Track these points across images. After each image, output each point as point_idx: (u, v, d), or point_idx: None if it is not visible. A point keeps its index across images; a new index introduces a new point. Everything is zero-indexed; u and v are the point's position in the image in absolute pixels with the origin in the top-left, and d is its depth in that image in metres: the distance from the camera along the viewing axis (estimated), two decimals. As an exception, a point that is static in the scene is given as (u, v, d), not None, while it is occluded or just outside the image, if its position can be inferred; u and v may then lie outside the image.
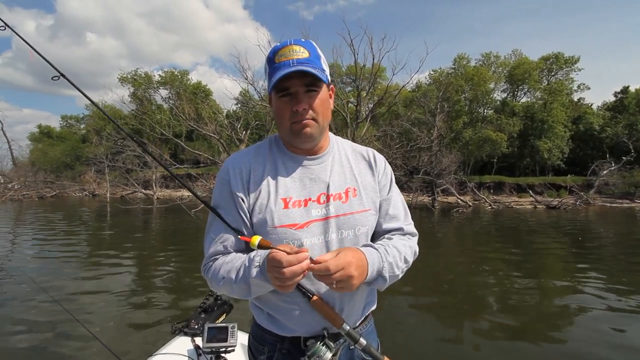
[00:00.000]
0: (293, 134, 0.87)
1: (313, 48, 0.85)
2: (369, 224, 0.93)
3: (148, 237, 10.38)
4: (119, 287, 5.31)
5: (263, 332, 0.95)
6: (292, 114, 0.84)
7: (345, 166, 0.96)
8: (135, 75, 36.50)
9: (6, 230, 11.12)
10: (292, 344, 0.91)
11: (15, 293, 4.92)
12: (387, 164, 1.04)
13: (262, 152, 0.94)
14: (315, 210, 0.88)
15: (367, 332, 0.99)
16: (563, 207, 19.15)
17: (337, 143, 1.00)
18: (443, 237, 10.97)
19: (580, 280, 5.77)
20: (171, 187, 28.34)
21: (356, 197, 0.92)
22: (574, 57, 29.71)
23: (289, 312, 0.89)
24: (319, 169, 0.92)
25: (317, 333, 0.89)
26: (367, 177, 0.97)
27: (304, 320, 0.89)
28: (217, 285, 0.87)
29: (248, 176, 0.89)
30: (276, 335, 0.92)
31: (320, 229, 0.88)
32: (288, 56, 0.82)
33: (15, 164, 31.77)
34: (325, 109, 0.88)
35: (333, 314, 0.85)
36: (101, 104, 39.43)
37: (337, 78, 28.26)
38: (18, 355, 3.24)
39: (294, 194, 0.88)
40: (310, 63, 0.82)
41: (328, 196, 0.90)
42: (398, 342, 3.55)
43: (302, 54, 0.83)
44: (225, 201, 0.90)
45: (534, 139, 28.49)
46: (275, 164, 0.92)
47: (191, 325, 1.74)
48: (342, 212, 0.89)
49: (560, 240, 10.12)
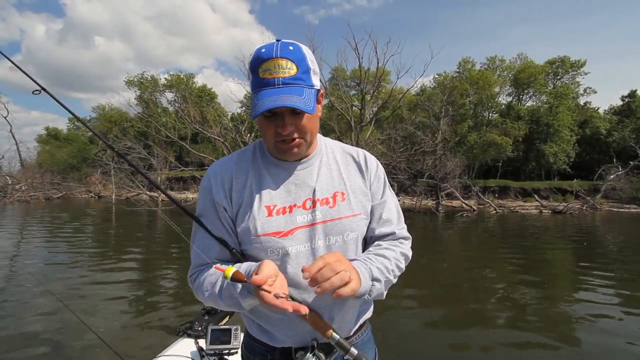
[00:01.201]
0: (278, 152, 0.84)
1: (301, 57, 0.77)
2: (358, 229, 0.90)
3: (152, 238, 10.44)
4: (124, 288, 5.34)
5: (254, 342, 0.93)
6: (277, 134, 0.79)
7: (334, 169, 0.92)
8: (142, 79, 36.97)
9: (14, 231, 11.25)
10: (283, 355, 0.89)
11: (21, 293, 4.96)
12: (380, 166, 0.99)
13: (245, 159, 0.90)
14: (300, 216, 0.85)
15: (363, 342, 0.97)
16: (569, 212, 18.96)
17: (325, 145, 0.96)
18: (447, 241, 10.90)
19: (588, 287, 5.69)
20: (175, 189, 28.54)
21: (344, 202, 0.88)
22: (580, 61, 29.57)
23: (278, 322, 0.87)
24: (304, 173, 0.88)
25: (307, 344, 0.86)
26: (357, 180, 0.93)
27: (292, 331, 0.87)
28: (203, 297, 0.84)
29: (230, 184, 0.86)
30: (267, 345, 0.90)
31: (306, 236, 0.85)
32: (273, 73, 0.75)
33: (23, 165, 32.16)
34: (314, 123, 0.83)
35: (322, 322, 0.82)
36: (108, 106, 40.10)
37: (342, 82, 28.36)
38: (23, 355, 3.27)
39: (278, 201, 0.85)
40: (297, 83, 0.76)
41: (314, 201, 0.86)
42: (402, 349, 3.52)
43: (289, 71, 0.75)
44: (208, 210, 0.87)
45: (540, 143, 28.30)
46: (259, 171, 0.88)
47: (195, 327, 1.75)
48: (329, 218, 0.86)
49: (567, 245, 10.01)
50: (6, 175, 26.21)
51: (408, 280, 5.57)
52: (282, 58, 0.75)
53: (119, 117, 37.12)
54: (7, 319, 4.04)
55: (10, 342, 3.50)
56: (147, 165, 21.63)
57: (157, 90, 37.36)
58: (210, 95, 38.03)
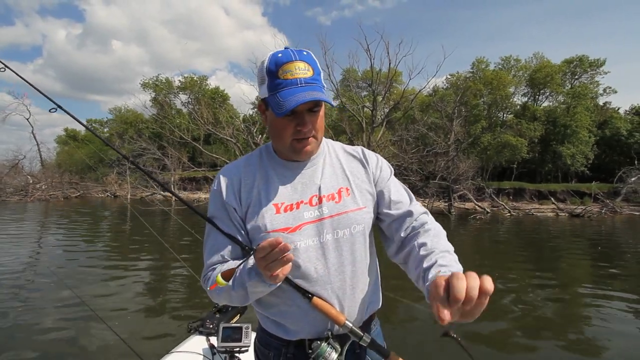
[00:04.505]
0: (294, 151, 0.88)
1: (314, 63, 0.85)
2: (364, 222, 0.93)
3: (166, 237, 10.63)
4: (137, 285, 5.46)
5: (269, 337, 0.95)
6: (295, 132, 0.85)
7: (337, 167, 0.97)
8: (157, 81, 37.73)
9: (35, 228, 11.64)
10: (297, 348, 0.91)
11: (41, 288, 5.15)
12: (380, 158, 1.02)
13: (252, 162, 0.95)
14: (307, 212, 0.89)
15: (374, 335, 0.98)
16: (587, 215, 18.38)
17: (328, 145, 1.01)
18: (460, 244, 10.73)
19: (607, 294, 5.50)
20: (188, 190, 29.00)
21: (350, 196, 0.93)
22: (600, 60, 28.66)
23: (292, 314, 0.90)
24: (310, 172, 0.93)
25: (321, 334, 0.89)
26: (360, 175, 0.98)
27: (306, 321, 0.89)
28: (217, 295, 0.87)
29: (239, 185, 0.91)
30: (282, 339, 0.92)
31: (314, 231, 0.88)
32: (294, 74, 0.81)
33: (44, 165, 33.24)
34: (322, 124, 0.90)
35: (334, 311, 0.86)
36: (124, 108, 41.05)
37: (353, 83, 28.30)
38: (41, 346, 3.38)
39: (285, 198, 0.89)
40: (316, 83, 0.83)
41: (320, 197, 0.90)
42: (410, 354, 3.49)
43: (307, 72, 0.82)
44: (219, 211, 0.91)
45: (556, 144, 27.54)
46: (266, 172, 0.93)
47: (206, 325, 1.77)
48: (335, 212, 0.90)
49: (585, 250, 9.72)
50: (27, 175, 27.14)
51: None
52: (300, 61, 0.82)
53: (135, 119, 37.96)
54: (28, 313, 4.20)
55: (29, 333, 3.63)
56: (161, 165, 22.05)
57: (171, 93, 38.09)
58: (223, 97, 38.49)
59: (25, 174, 27.58)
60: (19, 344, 3.43)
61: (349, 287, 0.91)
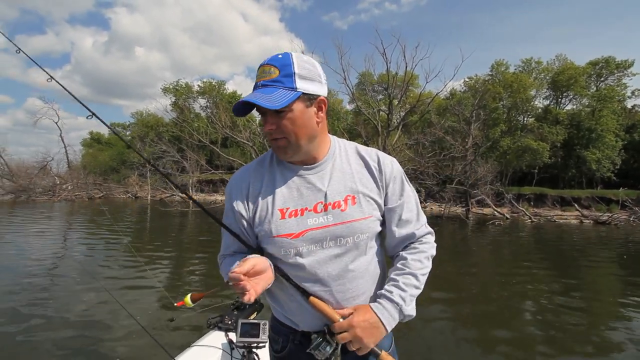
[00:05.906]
0: (273, 150, 0.95)
1: (286, 64, 0.84)
2: (369, 230, 0.94)
3: (185, 236, 10.90)
4: (159, 281, 5.64)
5: (279, 324, 1.02)
6: (267, 133, 0.90)
7: (346, 173, 0.96)
8: (177, 86, 38.82)
9: (62, 226, 12.18)
10: (303, 337, 0.96)
11: (68, 282, 5.39)
12: (395, 165, 1.00)
13: (263, 165, 0.99)
14: (311, 219, 0.90)
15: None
16: (614, 223, 17.58)
17: (339, 147, 1.00)
18: (477, 251, 10.49)
19: (636, 304, 5.26)
20: (205, 192, 29.59)
21: (356, 205, 0.93)
22: (628, 61, 27.47)
23: (292, 309, 0.96)
24: (315, 178, 0.94)
25: (319, 329, 0.93)
26: (370, 184, 0.96)
27: (305, 317, 0.95)
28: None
29: (247, 190, 0.96)
30: (290, 328, 0.99)
31: (317, 237, 0.90)
32: (259, 77, 0.86)
33: (70, 167, 34.67)
34: (299, 126, 0.86)
35: (330, 310, 0.90)
36: (145, 112, 42.40)
37: (369, 87, 28.23)
38: (69, 335, 3.54)
39: (290, 203, 0.92)
40: (276, 84, 0.83)
41: (326, 205, 0.91)
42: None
43: (270, 75, 0.84)
44: (228, 214, 0.99)
45: (581, 148, 26.54)
46: (274, 176, 0.96)
47: (225, 321, 1.83)
48: (340, 221, 0.91)
49: (612, 259, 9.30)
50: (55, 176, 28.40)
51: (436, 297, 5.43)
52: (267, 64, 0.86)
53: (155, 122, 39.12)
54: (56, 305, 4.40)
55: (57, 325, 3.80)
56: (180, 167, 22.61)
57: (190, 97, 39.08)
58: (240, 101, 39.05)
59: (53, 175, 28.85)
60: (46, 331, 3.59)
61: (349, 291, 0.94)
